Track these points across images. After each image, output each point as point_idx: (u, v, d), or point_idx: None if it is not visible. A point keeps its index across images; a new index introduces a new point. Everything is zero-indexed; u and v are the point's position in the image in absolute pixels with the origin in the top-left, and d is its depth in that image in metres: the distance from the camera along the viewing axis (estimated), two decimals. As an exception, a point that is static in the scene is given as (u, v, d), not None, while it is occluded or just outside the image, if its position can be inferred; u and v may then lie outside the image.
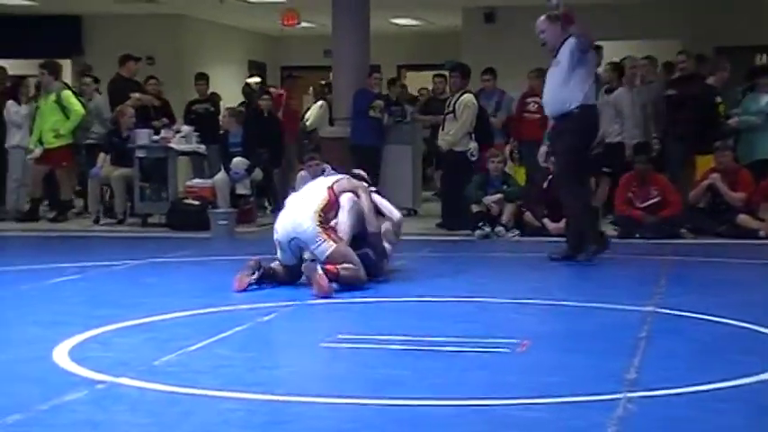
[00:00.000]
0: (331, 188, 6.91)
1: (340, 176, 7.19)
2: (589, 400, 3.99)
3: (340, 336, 5.22)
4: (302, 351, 5.04)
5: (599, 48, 10.94)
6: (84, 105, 11.90)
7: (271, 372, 4.52)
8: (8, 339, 5.20)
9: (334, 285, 6.48)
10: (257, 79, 13.85)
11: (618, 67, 11.49)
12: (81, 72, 13.70)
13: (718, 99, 10.85)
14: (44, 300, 6.46)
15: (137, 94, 12.12)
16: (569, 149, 7.92)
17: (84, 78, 12.75)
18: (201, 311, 5.91)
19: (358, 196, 7.00)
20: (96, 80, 12.70)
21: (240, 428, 3.69)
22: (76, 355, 4.75)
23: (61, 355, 4.75)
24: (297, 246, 6.73)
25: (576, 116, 7.80)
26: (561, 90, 7.81)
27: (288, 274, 6.83)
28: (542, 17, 7.93)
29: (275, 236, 6.84)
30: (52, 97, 11.55)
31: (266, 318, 5.78)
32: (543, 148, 8.34)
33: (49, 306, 6.20)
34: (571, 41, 7.81)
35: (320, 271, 6.41)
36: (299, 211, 6.76)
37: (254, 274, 6.67)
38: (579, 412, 3.86)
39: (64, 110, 11.58)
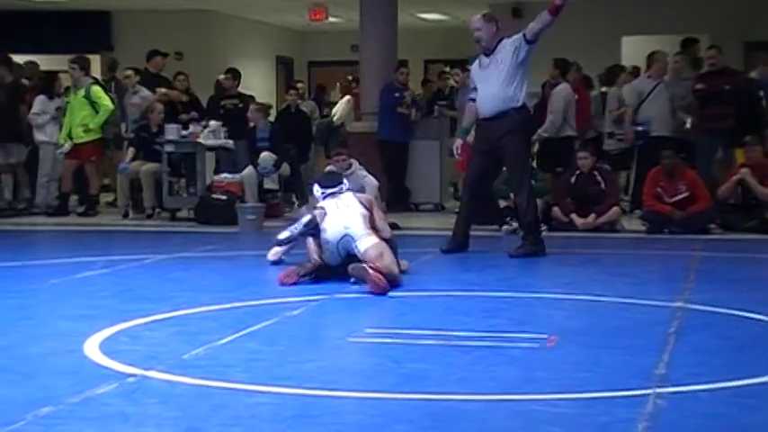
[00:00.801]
0: (360, 200, 6.96)
1: (361, 196, 7.17)
2: (618, 396, 3.97)
3: (368, 330, 5.22)
4: (330, 345, 5.05)
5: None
6: (113, 101, 11.96)
7: (299, 366, 4.53)
8: (39, 333, 5.24)
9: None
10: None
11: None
12: (109, 67, 13.70)
13: (761, 93, 10.81)
14: (74, 293, 6.51)
15: (162, 90, 12.17)
16: (523, 149, 8.06)
17: (126, 71, 12.62)
18: (230, 306, 5.94)
19: (372, 206, 7.00)
20: (138, 72, 12.54)
21: (269, 422, 3.69)
22: (107, 348, 4.78)
23: (92, 348, 4.78)
24: (346, 244, 6.72)
25: (521, 115, 7.97)
26: (505, 89, 7.89)
27: (330, 274, 6.85)
28: (478, 15, 8.08)
29: (324, 235, 6.78)
30: (81, 92, 11.62)
31: (294, 312, 5.79)
32: (459, 141, 8.43)
33: (79, 300, 6.24)
34: (511, 41, 7.96)
35: (370, 270, 6.39)
36: (349, 214, 6.79)
37: (308, 275, 6.68)
38: (608, 408, 3.84)
39: (93, 105, 11.65)
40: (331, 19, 16.79)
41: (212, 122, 11.88)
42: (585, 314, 5.87)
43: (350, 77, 15.29)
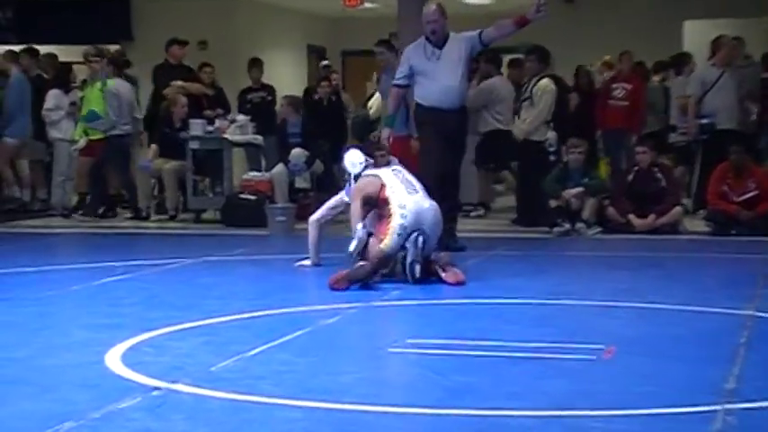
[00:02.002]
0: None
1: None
2: (683, 413, 3.94)
3: (409, 340, 5.23)
4: (369, 356, 5.07)
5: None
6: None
7: (335, 378, 4.54)
8: (58, 343, 5.30)
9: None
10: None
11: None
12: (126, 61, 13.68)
13: None
14: (94, 301, 6.58)
15: (178, 82, 12.20)
16: (464, 145, 8.56)
17: (94, 57, 12.06)
18: (260, 314, 5.97)
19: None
20: (116, 62, 12.17)
21: (304, 439, 3.71)
22: (130, 359, 4.83)
23: (114, 359, 4.83)
24: (419, 223, 6.94)
25: (464, 112, 8.61)
26: (462, 84, 8.49)
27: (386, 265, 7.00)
28: (433, 6, 8.44)
29: (403, 221, 6.88)
30: (98, 85, 11.69)
31: (330, 321, 5.81)
32: (387, 131, 8.70)
33: (99, 308, 6.31)
34: (463, 38, 8.42)
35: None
36: (419, 189, 7.12)
37: (363, 280, 6.75)
38: (672, 426, 3.82)
39: None
40: (367, 4, 16.81)
41: (240, 117, 11.95)
42: (645, 323, 5.84)
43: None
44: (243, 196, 11.14)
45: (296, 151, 11.24)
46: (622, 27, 15.09)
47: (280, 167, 11.27)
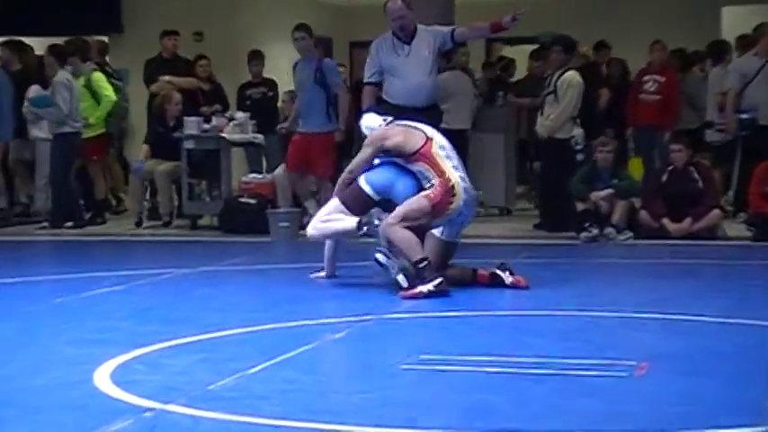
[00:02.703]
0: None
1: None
2: (722, 434, 3.95)
3: (423, 356, 5.23)
4: (380, 374, 5.06)
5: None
6: (117, 90, 12.03)
7: (344, 398, 4.55)
8: (43, 361, 5.31)
9: None
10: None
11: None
12: (99, 52, 13.53)
13: None
14: (82, 315, 6.59)
15: (166, 77, 12.22)
16: None
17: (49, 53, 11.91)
18: (262, 328, 5.98)
19: None
20: (61, 55, 11.76)
21: (310, 464, 3.72)
22: (120, 378, 4.84)
23: (103, 378, 4.84)
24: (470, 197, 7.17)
25: (440, 109, 8.81)
26: (431, 80, 8.66)
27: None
28: (399, 2, 8.57)
29: (462, 198, 7.05)
30: (81, 81, 11.71)
31: (337, 335, 5.82)
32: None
33: (87, 322, 6.32)
34: (432, 33, 8.59)
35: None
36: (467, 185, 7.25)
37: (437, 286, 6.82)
38: (710, 448, 3.82)
39: (95, 95, 11.75)
40: (375, -9, 16.82)
41: (239, 114, 11.97)
42: (681, 337, 5.83)
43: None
44: (242, 200, 11.16)
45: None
46: (655, 14, 15.09)
47: (282, 168, 11.28)
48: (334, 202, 7.26)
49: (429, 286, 6.79)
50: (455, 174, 7.08)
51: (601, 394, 4.55)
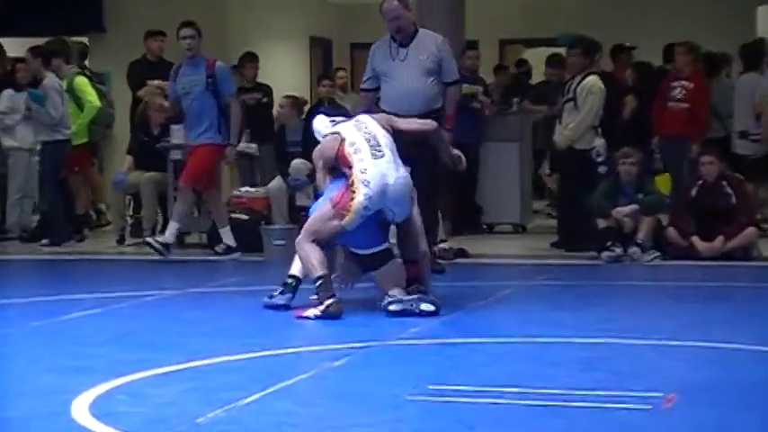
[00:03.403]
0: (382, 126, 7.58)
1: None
2: (758, 472, 3.94)
3: (431, 386, 5.23)
4: (384, 406, 5.06)
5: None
6: (102, 96, 12.04)
7: (344, 432, 4.55)
8: (16, 390, 5.31)
9: None
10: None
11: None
12: (80, 54, 13.54)
13: None
14: (59, 340, 6.59)
15: (155, 82, 12.25)
16: (436, 158, 8.49)
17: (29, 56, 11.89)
18: (255, 355, 5.97)
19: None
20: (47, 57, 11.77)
21: (308, 504, 3.71)
22: (100, 409, 4.82)
23: (81, 409, 4.83)
24: (384, 202, 7.22)
25: (439, 118, 8.59)
26: (428, 87, 8.63)
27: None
28: (394, 2, 8.54)
29: (367, 202, 7.12)
30: (63, 85, 11.73)
31: (337, 363, 5.82)
32: None
33: (65, 348, 6.31)
34: (433, 40, 8.66)
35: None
36: (386, 152, 7.35)
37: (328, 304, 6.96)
38: (745, 487, 3.81)
39: (77, 101, 11.77)
40: (380, -11, 16.87)
41: (231, 122, 11.97)
42: (712, 366, 5.82)
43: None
44: (234, 216, 11.16)
45: (296, 162, 11.26)
46: (684, 13, 15.13)
47: (278, 182, 11.30)
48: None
49: (316, 310, 6.95)
50: (357, 166, 7.15)
51: (624, 428, 4.55)
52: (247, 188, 11.68)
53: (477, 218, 12.39)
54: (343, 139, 7.30)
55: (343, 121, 7.59)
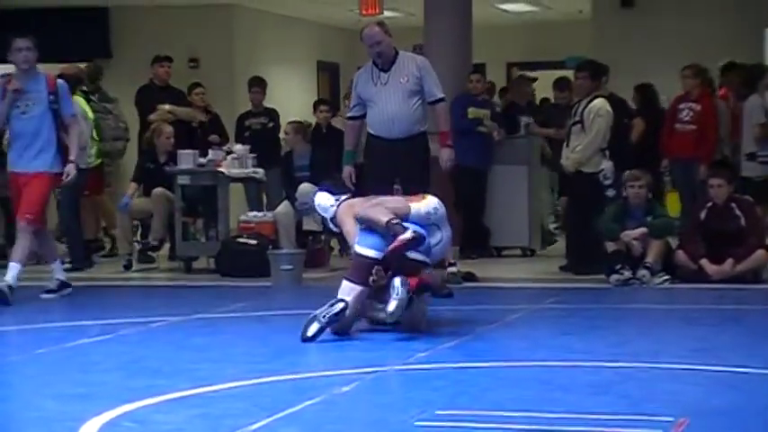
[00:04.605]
0: None
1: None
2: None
3: (439, 412, 5.21)
4: (391, 431, 5.05)
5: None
6: (99, 112, 12.01)
7: (352, 458, 4.53)
8: (22, 417, 5.31)
9: None
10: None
11: None
12: (90, 77, 13.55)
13: None
14: (66, 367, 6.59)
15: (166, 106, 12.30)
16: (425, 179, 8.79)
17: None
18: (262, 381, 5.96)
19: None
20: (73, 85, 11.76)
21: None
22: (107, 436, 4.83)
23: (88, 436, 4.83)
24: None
25: (424, 140, 9.00)
26: (410, 110, 8.89)
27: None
28: (376, 27, 8.89)
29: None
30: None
31: (344, 388, 5.80)
32: (349, 169, 9.18)
33: (71, 374, 6.31)
34: (414, 62, 8.91)
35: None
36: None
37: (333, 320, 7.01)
38: None
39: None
40: (387, 13, 16.91)
41: (238, 147, 12.01)
42: (723, 390, 5.80)
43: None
44: (241, 241, 11.17)
45: (304, 187, 11.27)
46: (693, 35, 15.11)
47: (285, 206, 11.30)
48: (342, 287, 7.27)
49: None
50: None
51: (636, 454, 4.53)
52: (254, 213, 11.69)
53: (485, 241, 12.39)
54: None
55: (347, 198, 7.75)
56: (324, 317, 7.02)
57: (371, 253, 7.20)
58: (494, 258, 12.26)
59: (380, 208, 7.29)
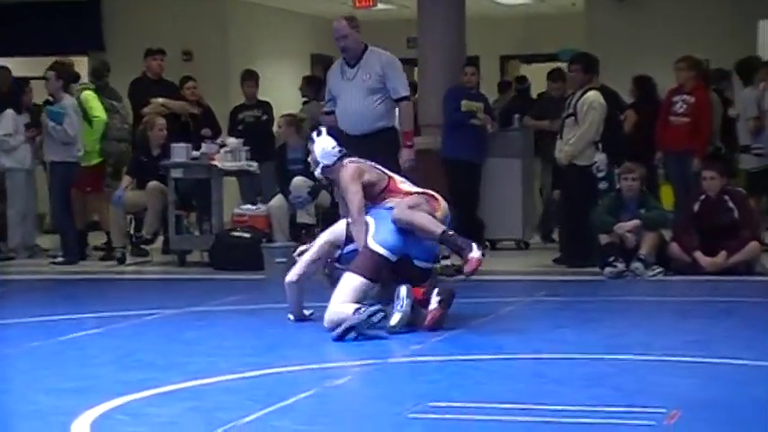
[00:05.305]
0: None
1: None
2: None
3: (433, 404, 5.22)
4: (385, 424, 5.05)
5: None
6: (107, 110, 12.02)
7: (346, 451, 4.54)
8: (15, 411, 5.30)
9: None
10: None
11: None
12: (95, 73, 13.55)
13: None
14: (59, 360, 6.58)
15: (159, 99, 12.28)
16: (396, 173, 8.49)
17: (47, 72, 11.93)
18: (256, 373, 5.96)
19: None
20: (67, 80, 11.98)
21: None
22: (101, 429, 4.82)
23: (82, 430, 4.82)
24: None
25: (392, 136, 9.01)
26: (376, 106, 8.93)
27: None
28: (343, 21, 8.90)
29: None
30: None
31: (337, 381, 5.81)
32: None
33: (65, 368, 6.31)
34: (380, 60, 8.89)
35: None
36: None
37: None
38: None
39: (86, 115, 11.74)
40: (381, 6, 16.93)
41: (231, 140, 12.00)
42: (717, 382, 5.81)
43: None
44: (235, 234, 11.17)
45: (297, 180, 11.28)
46: (686, 27, 15.13)
47: (279, 200, 11.30)
48: (352, 282, 7.13)
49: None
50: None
51: (628, 445, 4.54)
52: (248, 206, 11.69)
53: (479, 234, 12.38)
54: (391, 177, 7.51)
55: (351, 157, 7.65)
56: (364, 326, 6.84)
57: (385, 252, 7.15)
58: (488, 251, 12.24)
59: (424, 214, 7.15)
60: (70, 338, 7.23)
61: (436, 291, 7.07)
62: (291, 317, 7.67)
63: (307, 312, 7.63)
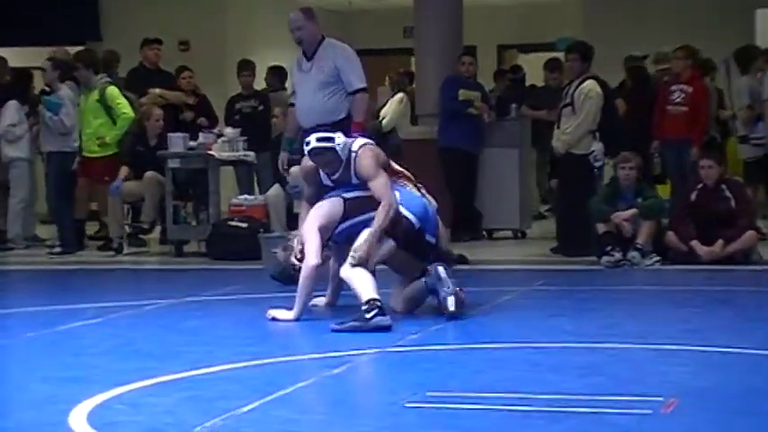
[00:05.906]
0: None
1: None
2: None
3: (430, 393, 5.23)
4: (382, 412, 5.07)
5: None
6: (131, 103, 11.97)
7: (343, 440, 4.55)
8: (13, 400, 5.32)
9: None
10: None
11: None
12: (104, 63, 13.57)
13: None
14: (57, 350, 6.59)
15: (157, 90, 12.27)
16: None
17: (44, 62, 12.02)
18: (254, 363, 5.97)
19: None
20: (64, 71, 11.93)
21: None
22: (98, 419, 4.83)
23: (79, 419, 4.83)
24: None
25: (347, 127, 8.52)
26: (327, 100, 8.63)
27: None
28: (299, 12, 8.69)
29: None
30: (95, 95, 11.64)
31: (335, 370, 5.82)
32: (285, 155, 9.23)
33: (62, 358, 6.31)
34: (335, 53, 8.71)
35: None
36: None
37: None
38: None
39: (109, 111, 11.66)
40: (378, -5, 16.92)
41: (228, 130, 11.99)
42: (713, 370, 5.82)
43: (402, 70, 15.34)
44: (232, 224, 11.16)
45: (295, 170, 11.25)
46: (680, 17, 15.13)
47: (276, 189, 11.29)
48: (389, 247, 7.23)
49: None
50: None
51: (625, 434, 4.55)
52: (245, 196, 11.68)
53: (476, 224, 12.40)
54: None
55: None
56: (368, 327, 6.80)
57: (412, 218, 7.27)
58: (485, 241, 12.27)
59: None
60: (68, 328, 7.24)
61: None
62: (320, 301, 7.67)
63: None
